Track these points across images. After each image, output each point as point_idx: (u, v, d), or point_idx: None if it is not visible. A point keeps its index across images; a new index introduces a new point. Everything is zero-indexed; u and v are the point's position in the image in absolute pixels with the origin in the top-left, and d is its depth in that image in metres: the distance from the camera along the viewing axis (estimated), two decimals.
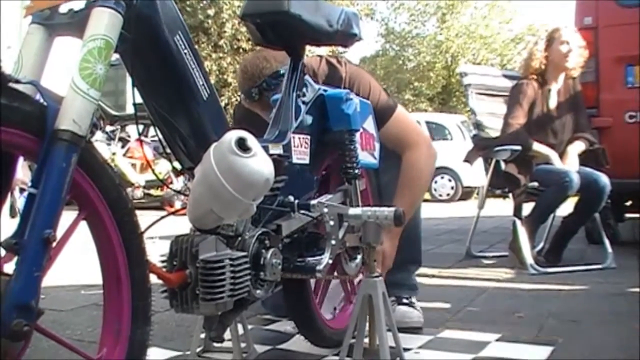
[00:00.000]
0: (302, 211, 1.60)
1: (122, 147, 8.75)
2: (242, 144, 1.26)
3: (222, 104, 1.95)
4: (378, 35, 26.73)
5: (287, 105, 1.67)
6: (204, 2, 17.21)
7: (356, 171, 1.80)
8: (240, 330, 1.83)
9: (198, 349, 1.88)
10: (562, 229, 3.73)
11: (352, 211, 1.61)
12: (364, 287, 1.55)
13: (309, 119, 1.72)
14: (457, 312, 2.47)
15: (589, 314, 2.39)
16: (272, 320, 2.31)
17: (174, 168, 1.49)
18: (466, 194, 12.15)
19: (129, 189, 7.91)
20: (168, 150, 1.41)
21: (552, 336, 2.09)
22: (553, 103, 3.72)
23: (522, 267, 3.46)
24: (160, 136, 1.38)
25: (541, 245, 4.02)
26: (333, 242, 1.63)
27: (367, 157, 1.88)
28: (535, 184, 3.59)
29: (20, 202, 5.75)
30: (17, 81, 1.06)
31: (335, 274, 1.85)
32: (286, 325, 2.19)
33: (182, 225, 1.41)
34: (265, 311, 2.37)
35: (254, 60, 2.00)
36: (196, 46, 1.36)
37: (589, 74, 3.99)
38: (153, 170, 1.95)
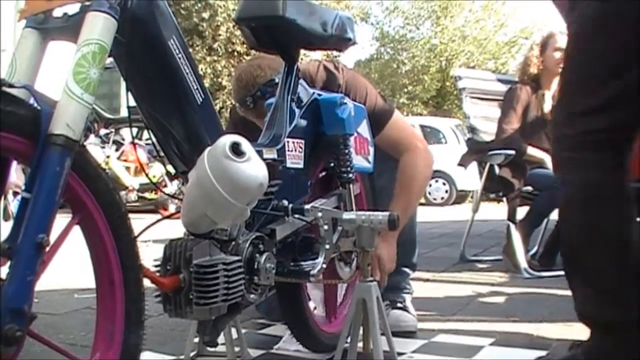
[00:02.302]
0: (296, 215, 1.60)
1: (116, 150, 8.72)
2: (236, 149, 1.26)
3: (217, 108, 1.96)
4: (372, 38, 26.80)
5: (282, 109, 1.67)
6: (199, 5, 17.19)
7: (350, 175, 1.80)
8: (234, 335, 1.82)
9: (192, 354, 1.88)
10: (556, 232, 3.73)
11: (346, 215, 1.61)
12: (358, 291, 1.55)
13: (303, 123, 1.72)
14: (451, 316, 2.47)
15: None
16: (265, 324, 2.30)
17: (168, 172, 1.49)
18: (460, 197, 12.15)
19: (122, 192, 7.88)
20: (162, 154, 1.41)
21: (546, 340, 2.09)
22: (548, 107, 3.73)
23: (516, 271, 3.46)
24: (154, 140, 1.38)
25: (535, 249, 4.02)
26: (327, 246, 1.63)
27: (361, 161, 1.88)
28: (530, 188, 3.59)
29: (13, 206, 5.74)
30: (11, 85, 1.06)
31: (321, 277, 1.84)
32: (280, 329, 2.19)
33: (176, 229, 1.41)
34: (259, 315, 2.37)
35: (248, 69, 2.00)
36: (190, 49, 1.36)
37: None
38: (147, 174, 1.96)
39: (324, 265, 1.63)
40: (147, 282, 1.24)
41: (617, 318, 1.47)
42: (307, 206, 1.60)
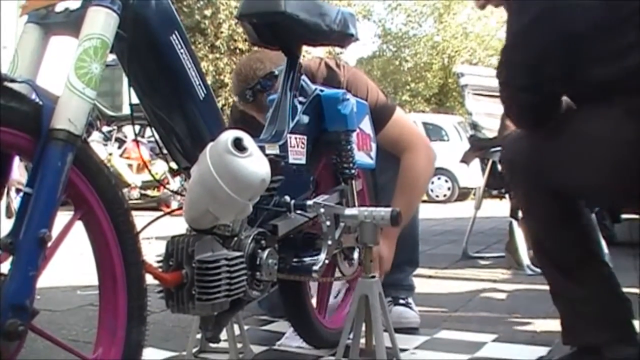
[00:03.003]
0: (299, 211, 1.60)
1: (119, 147, 8.72)
2: (238, 144, 1.26)
3: (219, 105, 1.96)
4: (375, 36, 26.72)
5: (284, 105, 1.67)
6: (201, 2, 17.19)
7: (352, 171, 1.80)
8: (237, 331, 1.82)
9: (194, 350, 1.88)
10: None
11: (349, 211, 1.60)
12: (360, 287, 1.55)
13: (305, 119, 1.72)
14: (453, 313, 2.47)
15: None
16: (268, 321, 2.30)
17: (170, 168, 1.49)
18: (463, 194, 12.14)
19: (125, 190, 7.88)
20: (164, 151, 1.41)
21: (549, 337, 2.08)
22: None
23: (519, 267, 3.45)
24: (157, 136, 1.38)
25: None
26: (329, 242, 1.63)
27: (363, 157, 1.88)
28: None
29: (16, 202, 5.75)
30: (13, 80, 1.06)
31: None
32: (282, 326, 2.19)
33: (178, 226, 1.41)
34: (261, 311, 2.37)
35: (248, 62, 2.00)
36: (193, 46, 1.36)
37: None
38: (149, 171, 1.96)
39: (326, 262, 1.63)
40: (149, 278, 1.24)
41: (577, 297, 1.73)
42: (309, 202, 1.60)
